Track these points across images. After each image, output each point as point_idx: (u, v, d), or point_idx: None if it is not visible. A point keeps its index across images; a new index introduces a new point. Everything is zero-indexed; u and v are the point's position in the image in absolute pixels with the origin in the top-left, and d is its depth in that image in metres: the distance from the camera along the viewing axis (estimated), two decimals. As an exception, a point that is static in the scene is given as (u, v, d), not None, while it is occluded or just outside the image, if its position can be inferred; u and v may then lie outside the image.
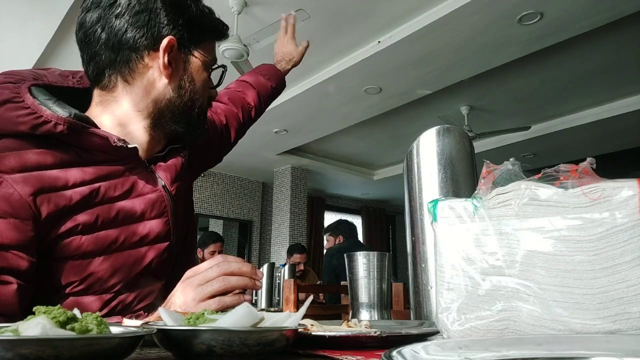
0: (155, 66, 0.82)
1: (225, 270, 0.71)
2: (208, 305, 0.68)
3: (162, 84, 0.83)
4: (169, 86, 0.84)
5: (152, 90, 0.83)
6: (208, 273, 0.70)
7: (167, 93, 0.84)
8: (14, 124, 0.71)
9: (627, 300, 0.43)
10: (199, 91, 0.88)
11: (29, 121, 0.71)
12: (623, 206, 0.45)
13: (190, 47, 0.85)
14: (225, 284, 0.70)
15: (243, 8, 3.39)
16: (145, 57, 0.81)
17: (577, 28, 3.62)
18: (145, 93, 0.83)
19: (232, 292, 0.71)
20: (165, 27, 0.81)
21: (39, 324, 0.34)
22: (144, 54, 0.81)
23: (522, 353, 0.37)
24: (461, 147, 0.87)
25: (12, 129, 0.72)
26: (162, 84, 0.83)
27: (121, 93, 0.83)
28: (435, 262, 0.56)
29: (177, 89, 0.84)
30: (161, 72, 0.82)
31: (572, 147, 6.21)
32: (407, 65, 4.20)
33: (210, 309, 0.56)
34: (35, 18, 3.49)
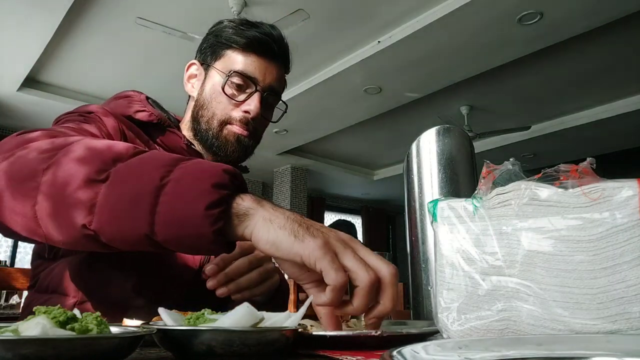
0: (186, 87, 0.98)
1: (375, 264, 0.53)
2: (322, 258, 0.49)
3: (191, 102, 0.98)
4: (193, 102, 0.96)
5: (189, 108, 0.98)
6: (362, 251, 0.54)
7: (192, 108, 0.96)
8: (124, 107, 0.90)
9: (627, 300, 0.43)
10: (207, 100, 0.92)
11: (135, 107, 0.90)
12: (623, 206, 0.45)
13: (208, 63, 0.94)
14: (365, 275, 0.50)
15: (243, 8, 3.39)
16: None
17: (577, 28, 3.62)
18: (187, 110, 0.99)
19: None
20: (197, 53, 0.98)
21: (39, 324, 0.34)
22: (184, 79, 0.99)
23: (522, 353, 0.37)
24: (461, 147, 0.87)
25: (121, 111, 0.89)
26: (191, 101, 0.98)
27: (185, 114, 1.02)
28: (435, 262, 0.56)
29: (196, 102, 0.95)
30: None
31: (572, 147, 6.21)
32: (407, 65, 4.21)
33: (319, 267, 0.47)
34: (35, 18, 3.49)
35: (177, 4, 3.45)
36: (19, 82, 4.53)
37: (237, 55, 0.91)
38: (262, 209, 0.52)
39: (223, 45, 0.92)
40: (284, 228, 0.50)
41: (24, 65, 4.22)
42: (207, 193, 0.50)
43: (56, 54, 4.15)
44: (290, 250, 0.50)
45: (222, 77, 0.90)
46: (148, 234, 0.51)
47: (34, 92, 4.75)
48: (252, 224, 0.52)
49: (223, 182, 0.52)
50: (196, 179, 0.52)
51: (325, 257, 0.48)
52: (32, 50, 3.95)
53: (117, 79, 4.56)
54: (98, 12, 3.58)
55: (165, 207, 0.51)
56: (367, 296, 0.50)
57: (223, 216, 0.51)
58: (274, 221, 0.51)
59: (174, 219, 0.51)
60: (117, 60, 4.27)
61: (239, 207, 0.52)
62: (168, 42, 3.74)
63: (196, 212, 0.50)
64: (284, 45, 0.96)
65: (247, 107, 0.90)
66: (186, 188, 0.51)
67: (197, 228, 0.50)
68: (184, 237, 0.51)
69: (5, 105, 5.04)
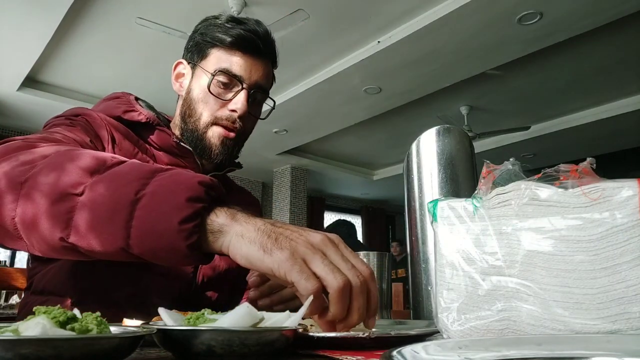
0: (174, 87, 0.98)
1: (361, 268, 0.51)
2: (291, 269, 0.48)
3: (179, 101, 0.97)
4: (180, 101, 0.96)
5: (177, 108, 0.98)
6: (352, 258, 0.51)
7: (180, 108, 0.96)
8: (113, 108, 0.91)
9: (627, 300, 0.43)
10: (194, 99, 0.91)
11: (123, 108, 0.91)
12: (623, 206, 0.45)
13: (194, 62, 0.94)
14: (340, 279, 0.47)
15: (242, 8, 3.39)
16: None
17: (577, 28, 3.62)
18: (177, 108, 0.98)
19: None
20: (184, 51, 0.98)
21: (39, 324, 0.34)
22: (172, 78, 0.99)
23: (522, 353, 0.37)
24: (461, 147, 0.87)
25: (111, 113, 0.90)
26: (179, 101, 0.97)
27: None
28: (435, 262, 0.56)
29: (183, 101, 0.95)
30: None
31: (572, 147, 6.21)
32: (407, 65, 4.21)
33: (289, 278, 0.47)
34: (35, 18, 3.49)
35: (177, 4, 3.45)
36: (18, 82, 4.53)
37: (221, 54, 0.90)
38: (236, 223, 0.52)
39: (208, 44, 0.92)
40: (254, 242, 0.50)
41: (24, 64, 4.22)
42: (182, 207, 0.50)
43: (56, 53, 4.15)
44: (262, 265, 0.49)
45: (207, 76, 0.90)
46: (124, 247, 0.52)
47: (33, 92, 4.76)
48: (227, 240, 0.52)
49: (198, 195, 0.52)
50: (171, 192, 0.52)
51: (293, 268, 0.47)
52: (32, 50, 3.95)
53: (116, 79, 4.56)
54: (98, 12, 3.58)
55: (140, 221, 0.51)
56: (341, 301, 0.48)
57: (197, 230, 0.51)
58: (245, 236, 0.51)
59: (148, 232, 0.51)
60: (117, 60, 4.27)
61: (213, 224, 0.52)
62: (168, 42, 3.74)
63: (170, 226, 0.50)
64: (269, 41, 0.94)
65: (234, 106, 0.89)
66: (161, 202, 0.51)
67: (171, 242, 0.50)
68: (158, 250, 0.52)
69: (5, 105, 5.04)
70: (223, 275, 0.94)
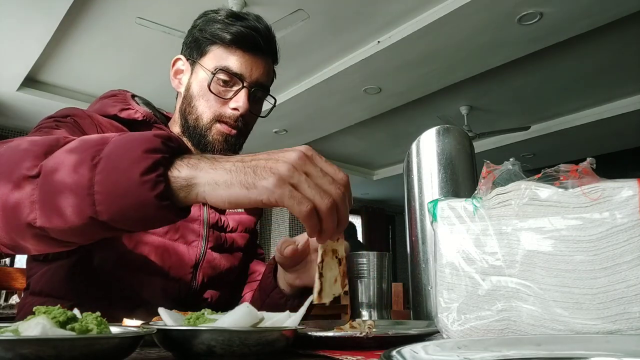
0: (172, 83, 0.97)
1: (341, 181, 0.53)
2: (282, 193, 0.49)
3: (178, 98, 0.97)
4: (180, 98, 0.96)
5: (176, 105, 0.97)
6: (329, 168, 0.55)
7: (179, 105, 0.95)
8: (108, 107, 0.90)
9: (627, 300, 0.43)
10: (195, 98, 0.91)
11: (119, 106, 0.90)
12: (623, 206, 0.45)
13: (194, 59, 0.93)
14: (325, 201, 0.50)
15: (242, 8, 3.39)
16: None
17: (577, 28, 3.62)
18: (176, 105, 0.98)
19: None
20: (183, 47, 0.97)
21: (39, 324, 0.34)
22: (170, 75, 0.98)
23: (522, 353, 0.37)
24: (461, 147, 0.87)
25: (106, 111, 0.89)
26: (178, 97, 0.97)
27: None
28: (435, 262, 0.56)
29: (183, 99, 0.94)
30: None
31: (572, 147, 6.21)
32: (407, 65, 4.20)
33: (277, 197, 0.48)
34: (35, 18, 3.49)
35: (177, 4, 3.45)
36: (18, 82, 4.52)
37: (222, 51, 0.89)
38: (202, 173, 0.51)
39: (207, 40, 0.91)
40: (232, 185, 0.50)
41: (24, 64, 4.21)
42: (140, 159, 0.50)
43: (56, 53, 4.15)
44: (250, 201, 0.49)
45: (207, 74, 0.89)
46: (92, 216, 0.51)
47: (33, 92, 4.75)
48: (201, 191, 0.51)
49: (155, 147, 0.51)
50: (126, 150, 0.51)
51: (283, 193, 0.48)
52: (32, 50, 3.94)
53: (116, 79, 4.56)
54: (98, 12, 3.58)
55: (102, 186, 0.50)
56: (331, 217, 0.50)
57: (162, 179, 0.50)
58: (219, 182, 0.50)
59: (113, 194, 0.50)
60: (117, 60, 4.27)
61: (178, 181, 0.51)
62: (168, 42, 3.74)
63: (132, 181, 0.49)
64: (270, 38, 0.94)
65: (236, 104, 0.89)
66: (118, 160, 0.50)
67: (137, 197, 0.49)
68: (128, 210, 0.50)
69: (5, 105, 5.04)
70: (224, 275, 0.94)
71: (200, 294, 0.90)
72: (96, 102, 0.93)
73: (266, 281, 0.86)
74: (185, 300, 0.87)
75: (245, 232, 1.01)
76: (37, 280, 0.83)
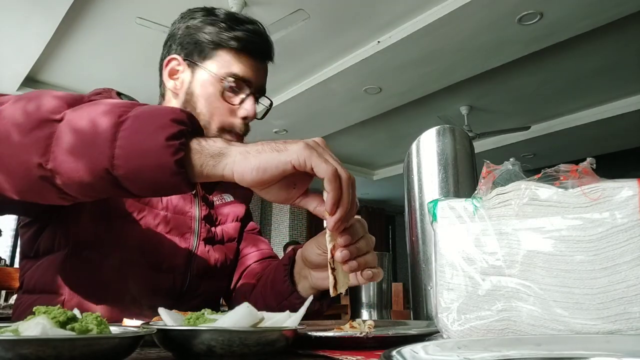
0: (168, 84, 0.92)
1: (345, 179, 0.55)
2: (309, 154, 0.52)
3: (173, 99, 0.92)
4: (177, 100, 0.91)
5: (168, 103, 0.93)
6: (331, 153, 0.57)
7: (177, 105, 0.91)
8: None
9: (627, 300, 0.43)
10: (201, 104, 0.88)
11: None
12: (623, 206, 0.45)
13: (195, 62, 0.89)
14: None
15: (242, 8, 3.39)
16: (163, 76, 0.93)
17: (577, 28, 3.62)
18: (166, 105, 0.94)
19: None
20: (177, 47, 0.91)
21: (39, 324, 0.34)
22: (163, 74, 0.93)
23: (522, 353, 0.37)
24: (461, 147, 0.87)
25: None
26: (173, 98, 0.92)
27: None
28: (435, 262, 0.56)
29: (182, 103, 0.90)
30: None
31: (572, 147, 6.21)
32: (407, 65, 4.20)
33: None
34: (35, 18, 3.49)
35: (177, 4, 3.44)
36: (18, 82, 4.52)
37: (231, 57, 0.87)
38: (234, 146, 0.55)
39: (212, 44, 0.88)
40: (263, 151, 0.53)
41: (24, 64, 4.22)
42: (167, 126, 0.52)
43: (56, 53, 4.15)
44: (279, 163, 0.52)
45: (215, 80, 0.87)
46: (107, 167, 0.52)
47: (33, 92, 4.75)
48: (231, 161, 0.54)
49: (181, 119, 0.54)
50: (154, 115, 0.54)
51: (312, 154, 0.52)
52: (32, 49, 3.94)
53: (116, 79, 4.56)
54: (98, 12, 3.58)
55: (125, 141, 0.52)
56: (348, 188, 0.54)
57: (184, 148, 0.53)
58: (250, 151, 0.53)
59: (134, 151, 0.52)
60: (117, 60, 4.27)
61: (212, 148, 0.54)
62: (168, 42, 3.73)
63: (157, 143, 0.51)
64: (271, 43, 0.93)
65: (245, 113, 0.88)
66: (145, 122, 0.53)
67: (158, 159, 0.51)
68: (145, 169, 0.52)
69: (5, 105, 5.05)
70: (219, 267, 0.93)
71: (195, 287, 0.89)
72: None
73: (282, 286, 0.82)
74: (180, 294, 0.86)
75: (237, 220, 1.01)
76: (29, 278, 0.83)
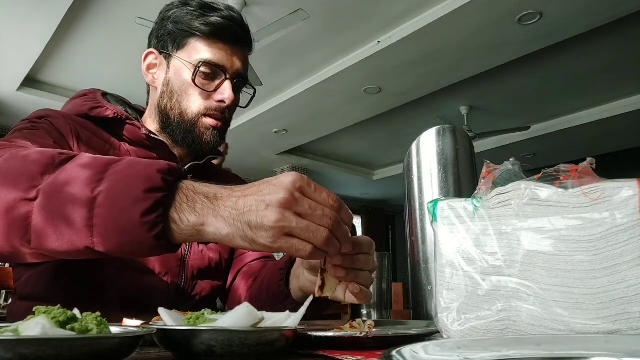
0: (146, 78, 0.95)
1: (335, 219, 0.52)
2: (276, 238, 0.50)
3: (153, 94, 0.95)
4: (156, 94, 0.93)
5: (152, 101, 0.95)
6: (318, 197, 0.53)
7: (156, 101, 0.93)
8: (79, 107, 0.90)
9: (627, 300, 0.43)
10: (177, 93, 0.89)
11: (89, 105, 0.89)
12: (623, 206, 0.45)
13: (169, 52, 0.91)
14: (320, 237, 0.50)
15: (242, 8, 3.39)
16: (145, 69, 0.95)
17: (577, 28, 3.62)
18: (151, 104, 0.96)
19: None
20: (154, 40, 0.94)
21: (39, 324, 0.34)
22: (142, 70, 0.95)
23: (522, 353, 0.37)
24: (461, 147, 0.87)
25: (78, 111, 0.89)
26: (153, 93, 0.95)
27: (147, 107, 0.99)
28: (435, 262, 0.56)
29: (161, 94, 0.92)
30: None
31: (572, 147, 6.21)
32: (407, 65, 4.20)
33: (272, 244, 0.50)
34: (35, 18, 3.49)
35: (177, 3, 3.45)
36: (18, 82, 4.52)
37: (201, 44, 0.88)
38: (208, 219, 0.52)
39: (185, 33, 0.89)
40: (235, 237, 0.51)
41: (24, 64, 4.21)
42: (141, 200, 0.50)
43: (56, 53, 4.15)
44: (253, 249, 0.53)
45: (188, 68, 0.88)
46: (89, 246, 0.52)
47: (33, 92, 4.75)
48: (211, 237, 0.53)
49: (155, 186, 0.51)
50: (127, 185, 0.52)
51: (281, 247, 0.50)
52: (32, 49, 3.94)
53: (116, 79, 4.56)
54: (98, 12, 3.58)
55: (101, 219, 0.51)
56: (331, 246, 0.52)
57: (161, 220, 0.51)
58: (222, 235, 0.52)
59: (111, 230, 0.51)
60: (117, 60, 4.27)
61: (186, 229, 0.52)
62: (168, 42, 3.73)
63: (132, 220, 0.50)
64: (246, 28, 0.93)
65: (221, 97, 0.88)
66: (119, 197, 0.51)
67: (135, 236, 0.50)
68: (124, 245, 0.52)
69: (5, 105, 5.04)
70: (214, 265, 0.93)
71: (191, 288, 0.89)
72: (67, 104, 0.93)
73: (277, 290, 0.82)
74: (175, 295, 0.86)
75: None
76: (23, 285, 0.82)
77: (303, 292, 0.77)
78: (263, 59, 3.96)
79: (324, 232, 0.51)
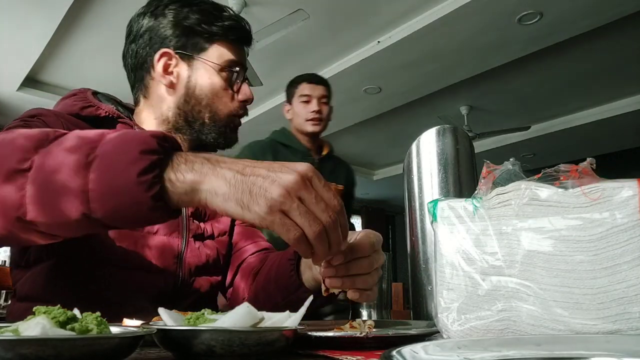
0: (162, 80, 0.90)
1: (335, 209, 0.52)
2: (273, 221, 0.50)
3: (169, 95, 0.91)
4: (175, 96, 0.91)
5: (163, 102, 0.92)
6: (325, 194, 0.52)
7: (175, 102, 0.91)
8: (70, 106, 0.88)
9: (627, 300, 0.43)
10: (207, 96, 0.90)
11: (79, 104, 0.88)
12: (623, 206, 0.45)
13: (191, 54, 0.90)
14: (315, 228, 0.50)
15: (242, 8, 3.39)
16: (152, 72, 0.91)
17: (577, 28, 3.62)
18: (158, 105, 0.92)
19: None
20: (164, 40, 0.90)
21: (39, 324, 0.34)
22: (151, 70, 0.91)
23: (522, 353, 0.37)
24: (461, 147, 0.87)
25: (69, 111, 0.87)
26: (169, 94, 0.91)
27: (142, 108, 0.95)
28: (435, 262, 0.56)
29: (183, 97, 0.90)
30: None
31: (572, 147, 6.21)
32: (407, 65, 4.20)
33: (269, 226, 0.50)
34: (35, 18, 3.49)
35: (177, 3, 3.45)
36: (18, 82, 4.52)
37: (227, 47, 0.91)
38: (205, 178, 0.52)
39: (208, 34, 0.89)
40: (229, 199, 0.51)
41: (24, 64, 4.21)
42: (137, 160, 0.50)
43: (56, 53, 4.15)
44: (243, 219, 0.51)
45: (216, 70, 0.89)
46: (86, 213, 0.51)
47: (33, 92, 4.75)
48: (203, 197, 0.52)
49: (151, 148, 0.51)
50: (122, 149, 0.52)
51: (274, 221, 0.50)
52: (32, 49, 3.94)
53: (116, 79, 4.53)
54: (98, 12, 3.58)
55: (97, 183, 0.51)
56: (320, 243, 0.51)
57: (158, 180, 0.51)
58: (218, 193, 0.51)
59: (108, 193, 0.51)
60: (117, 59, 4.22)
61: (182, 186, 0.52)
62: (168, 42, 3.73)
63: (129, 181, 0.50)
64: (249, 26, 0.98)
65: (244, 97, 0.92)
66: (114, 160, 0.51)
67: (133, 197, 0.50)
68: (122, 208, 0.51)
69: (5, 105, 5.04)
70: (211, 262, 0.93)
71: (188, 285, 0.89)
72: (58, 104, 0.92)
73: (289, 280, 0.82)
74: (173, 293, 0.86)
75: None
76: (21, 286, 0.82)
77: (316, 281, 0.78)
78: (263, 59, 3.95)
79: (319, 225, 0.51)
